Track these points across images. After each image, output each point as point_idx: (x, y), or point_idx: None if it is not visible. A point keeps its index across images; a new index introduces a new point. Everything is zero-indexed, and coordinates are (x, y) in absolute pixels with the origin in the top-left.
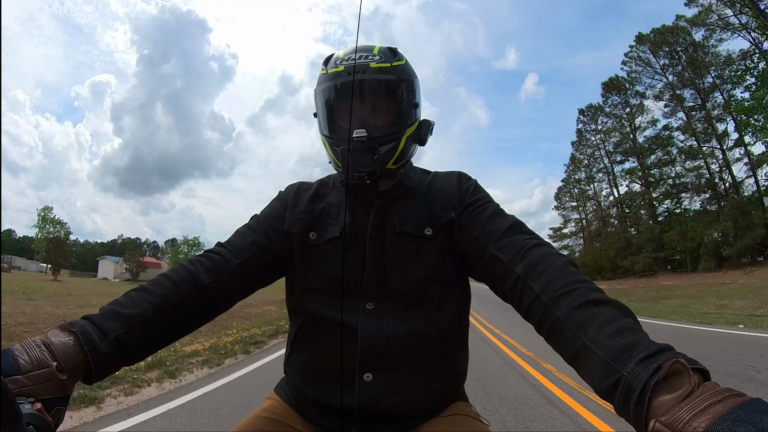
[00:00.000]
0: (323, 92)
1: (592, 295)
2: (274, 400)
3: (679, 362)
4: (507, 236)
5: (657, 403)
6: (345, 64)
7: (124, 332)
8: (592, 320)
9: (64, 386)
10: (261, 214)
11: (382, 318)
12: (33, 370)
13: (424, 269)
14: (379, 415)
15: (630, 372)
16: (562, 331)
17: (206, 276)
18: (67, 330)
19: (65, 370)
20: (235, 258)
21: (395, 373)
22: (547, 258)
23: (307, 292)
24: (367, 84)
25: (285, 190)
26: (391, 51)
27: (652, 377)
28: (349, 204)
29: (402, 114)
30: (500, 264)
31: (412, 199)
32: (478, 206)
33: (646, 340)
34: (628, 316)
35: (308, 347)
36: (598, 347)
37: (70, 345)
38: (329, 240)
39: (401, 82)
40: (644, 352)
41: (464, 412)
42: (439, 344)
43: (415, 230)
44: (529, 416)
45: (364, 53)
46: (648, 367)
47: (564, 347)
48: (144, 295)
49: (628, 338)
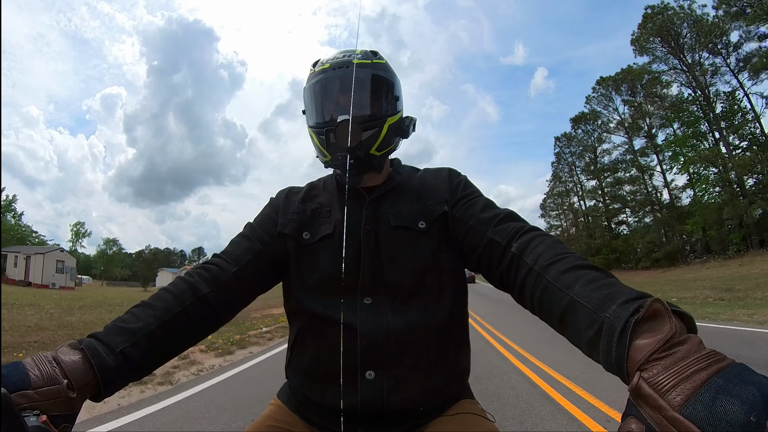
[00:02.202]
0: (310, 87)
1: (579, 261)
2: (278, 406)
3: (658, 301)
4: (503, 222)
5: (638, 345)
6: (330, 62)
7: (130, 346)
8: (578, 279)
9: (73, 404)
10: (254, 222)
11: (380, 312)
12: (43, 386)
13: (419, 262)
14: (384, 415)
15: (612, 313)
16: (552, 292)
17: (205, 286)
18: (76, 348)
19: (75, 388)
20: (231, 266)
21: (397, 369)
22: (540, 237)
23: (304, 291)
24: (349, 76)
25: (276, 196)
26: (373, 52)
27: (633, 315)
28: (341, 201)
29: (382, 103)
30: (498, 247)
31: (404, 193)
32: (470, 199)
33: (628, 290)
34: (611, 277)
35: (308, 349)
36: (583, 299)
37: (79, 363)
38: (322, 238)
39: (381, 75)
40: (625, 297)
41: (470, 410)
42: (439, 338)
43: (409, 223)
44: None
45: (348, 53)
46: (628, 308)
47: (553, 309)
48: (146, 310)
49: (611, 289)
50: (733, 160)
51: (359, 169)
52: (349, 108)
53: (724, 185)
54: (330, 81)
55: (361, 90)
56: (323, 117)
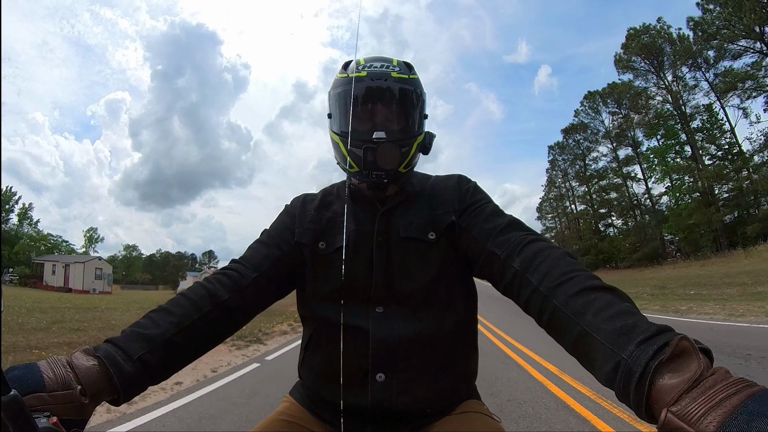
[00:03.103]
0: (343, 94)
1: (588, 282)
2: (290, 403)
3: (686, 339)
4: (504, 233)
5: (662, 386)
6: (368, 71)
7: (148, 352)
8: (589, 306)
9: (85, 410)
10: (271, 229)
11: (391, 321)
12: (57, 389)
13: (429, 272)
14: (392, 415)
15: (629, 355)
16: (561, 319)
17: (224, 292)
18: (92, 354)
19: (88, 394)
20: (251, 272)
21: (407, 372)
22: (544, 251)
23: (319, 299)
24: (388, 91)
25: (291, 203)
26: (407, 66)
27: (653, 359)
28: (354, 212)
29: (415, 122)
30: (498, 260)
31: (415, 204)
32: (477, 207)
33: (644, 323)
34: (626, 300)
35: (321, 351)
36: (596, 332)
37: (94, 369)
38: (338, 249)
39: (417, 92)
40: (643, 334)
41: (476, 410)
42: (449, 344)
43: (419, 235)
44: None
45: (385, 63)
46: (647, 349)
47: (564, 335)
48: (164, 316)
49: (626, 321)
50: (705, 170)
51: (385, 186)
52: (387, 125)
53: (695, 193)
54: (368, 92)
55: (397, 107)
56: (357, 129)
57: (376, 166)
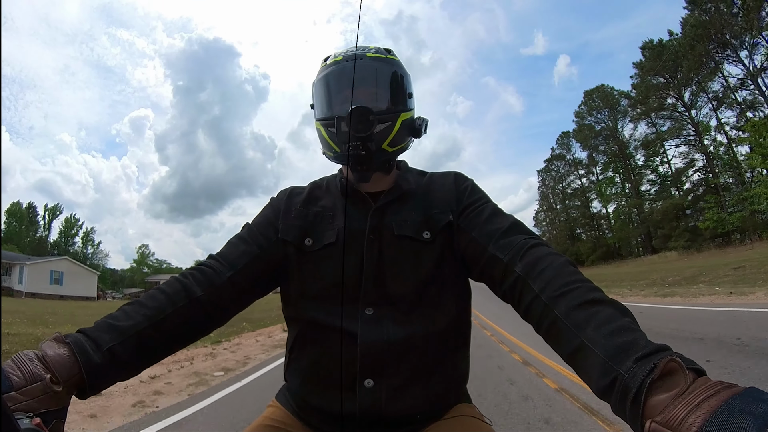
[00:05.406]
0: (321, 80)
1: (590, 295)
2: (276, 408)
3: (674, 360)
4: (506, 236)
5: (653, 402)
6: (343, 55)
7: (118, 344)
8: (590, 319)
9: (60, 398)
10: (252, 223)
11: (381, 323)
12: (26, 385)
13: (423, 273)
14: (381, 421)
15: (627, 371)
16: (561, 330)
17: (198, 288)
18: (62, 341)
19: (60, 381)
20: (226, 270)
21: (396, 377)
22: (547, 258)
23: (305, 299)
24: (363, 68)
25: (277, 196)
26: (386, 49)
27: (649, 376)
28: (345, 208)
29: (396, 97)
30: (500, 264)
31: (410, 201)
32: (476, 207)
33: (643, 340)
34: (627, 315)
35: (307, 354)
36: (596, 346)
37: (64, 356)
38: (326, 246)
39: (395, 69)
40: (641, 351)
41: (467, 413)
42: (440, 346)
43: (413, 234)
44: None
45: (362, 48)
46: (644, 366)
47: (563, 346)
48: (138, 308)
49: (626, 338)
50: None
51: (369, 165)
52: (363, 100)
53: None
54: (343, 72)
55: (375, 82)
56: (333, 109)
57: (353, 137)
